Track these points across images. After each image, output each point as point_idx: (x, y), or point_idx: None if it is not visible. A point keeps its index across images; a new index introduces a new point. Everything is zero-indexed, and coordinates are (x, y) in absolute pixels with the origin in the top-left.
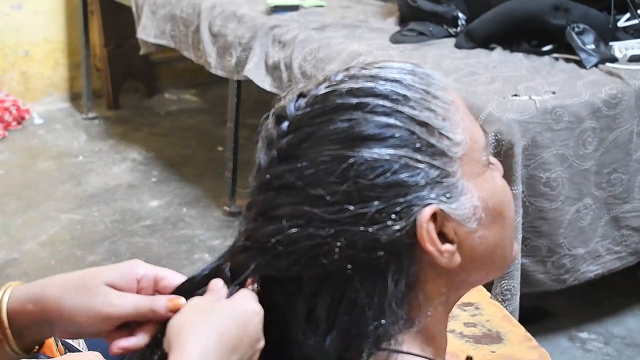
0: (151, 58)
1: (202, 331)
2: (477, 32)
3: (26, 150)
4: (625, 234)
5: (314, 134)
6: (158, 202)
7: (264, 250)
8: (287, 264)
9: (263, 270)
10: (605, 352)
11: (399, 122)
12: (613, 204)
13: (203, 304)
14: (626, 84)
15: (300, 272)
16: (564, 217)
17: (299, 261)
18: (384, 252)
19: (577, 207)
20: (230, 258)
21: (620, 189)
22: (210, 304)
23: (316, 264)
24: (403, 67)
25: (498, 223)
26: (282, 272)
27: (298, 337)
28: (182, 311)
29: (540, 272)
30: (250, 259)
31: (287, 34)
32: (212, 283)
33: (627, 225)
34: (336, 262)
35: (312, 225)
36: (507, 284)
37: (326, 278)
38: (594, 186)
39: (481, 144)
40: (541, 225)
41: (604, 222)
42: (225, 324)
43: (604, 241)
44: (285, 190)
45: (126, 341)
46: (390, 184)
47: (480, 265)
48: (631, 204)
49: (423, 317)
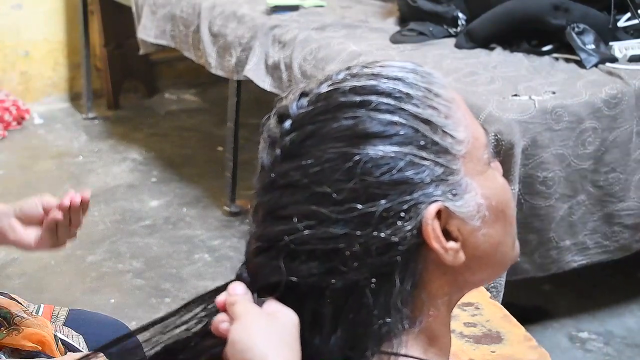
0: (151, 58)
1: (285, 351)
2: (477, 32)
3: (26, 150)
4: (616, 230)
5: (317, 131)
6: (158, 202)
7: (278, 249)
8: (306, 270)
9: (284, 273)
10: (605, 352)
11: (403, 120)
12: (608, 201)
13: (260, 320)
14: (626, 84)
15: (321, 282)
16: (556, 213)
17: (319, 269)
18: (398, 254)
19: (570, 203)
20: (246, 262)
21: (617, 187)
22: (269, 320)
23: (336, 274)
24: (404, 66)
25: (501, 221)
26: (303, 279)
27: (303, 336)
28: (244, 328)
29: (526, 262)
30: (267, 260)
31: (287, 34)
32: (231, 287)
33: (620, 223)
34: (355, 271)
35: (322, 225)
36: (494, 281)
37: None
38: (590, 184)
39: (483, 142)
40: (533, 221)
41: (596, 217)
42: (295, 342)
43: (593, 235)
44: (290, 188)
45: None
46: (396, 181)
47: (484, 263)
48: (626, 202)
49: (425, 317)
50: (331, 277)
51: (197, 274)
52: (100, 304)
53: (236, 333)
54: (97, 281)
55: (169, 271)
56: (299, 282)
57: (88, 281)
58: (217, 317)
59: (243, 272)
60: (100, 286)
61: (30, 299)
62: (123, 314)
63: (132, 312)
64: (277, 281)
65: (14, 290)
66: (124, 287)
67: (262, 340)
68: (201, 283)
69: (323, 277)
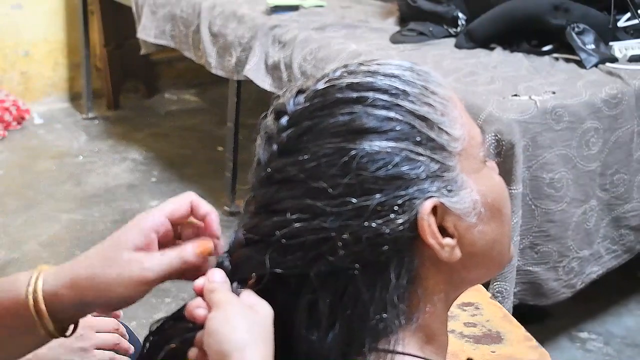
0: (151, 58)
1: (261, 346)
2: (477, 32)
3: (26, 150)
4: (623, 233)
5: (314, 127)
6: (158, 202)
7: (267, 243)
8: (292, 260)
9: (270, 266)
10: (605, 352)
11: (399, 116)
12: (615, 204)
13: (241, 311)
14: (626, 84)
15: (306, 269)
16: (570, 219)
17: (304, 257)
18: (388, 247)
19: (583, 209)
20: (230, 251)
21: (622, 189)
22: (247, 312)
23: (321, 261)
24: (401, 64)
25: (497, 219)
26: (288, 270)
27: (300, 332)
28: (224, 319)
29: (553, 279)
30: (254, 252)
31: (287, 34)
32: (210, 273)
33: (627, 225)
34: (341, 259)
35: (315, 219)
36: (500, 286)
37: (329, 273)
38: (599, 188)
39: (478, 141)
40: (549, 228)
41: (605, 222)
42: (271, 336)
43: (604, 242)
44: (287, 183)
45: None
46: (391, 176)
47: (480, 261)
48: (631, 203)
49: (421, 314)
50: (316, 263)
51: None
52: None
53: (215, 322)
54: None
55: None
56: (286, 273)
57: None
58: (193, 302)
59: (225, 260)
60: None
61: None
62: (123, 313)
63: (132, 312)
64: (261, 275)
65: None
66: None
67: (241, 333)
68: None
69: (308, 264)
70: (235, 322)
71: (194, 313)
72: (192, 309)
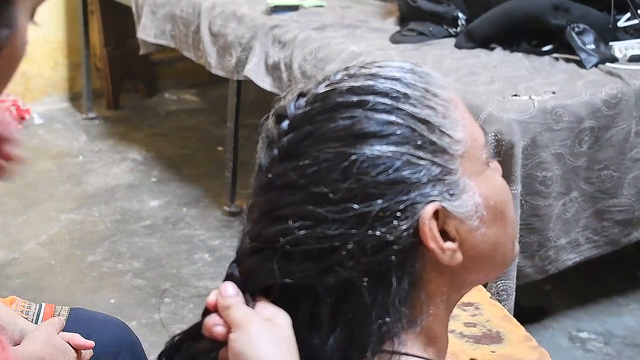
0: (151, 58)
1: (288, 358)
2: (477, 32)
3: (26, 150)
4: (606, 225)
5: (315, 131)
6: (158, 202)
7: (273, 250)
8: (301, 271)
9: (278, 276)
10: (605, 352)
11: (400, 120)
12: (600, 198)
13: (261, 329)
14: (626, 84)
15: (316, 282)
16: (553, 212)
17: (313, 269)
18: (393, 254)
19: (564, 200)
20: (238, 261)
21: (609, 185)
22: (268, 326)
23: (332, 275)
24: (402, 66)
25: (499, 221)
26: (298, 280)
27: (301, 336)
28: (249, 339)
29: (528, 266)
30: (261, 261)
31: (287, 34)
32: (222, 287)
33: (610, 218)
34: (350, 270)
35: (317, 226)
36: (503, 284)
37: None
38: (583, 180)
39: (481, 142)
40: (534, 222)
41: (587, 214)
42: (294, 346)
43: (585, 231)
44: (288, 189)
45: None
46: (392, 181)
47: (482, 263)
48: (618, 199)
49: (425, 317)
50: (325, 276)
51: (197, 274)
52: (100, 304)
53: (239, 344)
54: (97, 281)
55: (169, 271)
56: (294, 282)
57: (88, 281)
58: (210, 319)
59: (234, 270)
60: (100, 286)
61: (30, 299)
62: (123, 313)
63: (132, 312)
64: (271, 284)
65: (13, 291)
66: (124, 287)
67: (268, 352)
68: (201, 283)
69: (317, 276)
70: (258, 341)
71: (213, 332)
72: (211, 327)
